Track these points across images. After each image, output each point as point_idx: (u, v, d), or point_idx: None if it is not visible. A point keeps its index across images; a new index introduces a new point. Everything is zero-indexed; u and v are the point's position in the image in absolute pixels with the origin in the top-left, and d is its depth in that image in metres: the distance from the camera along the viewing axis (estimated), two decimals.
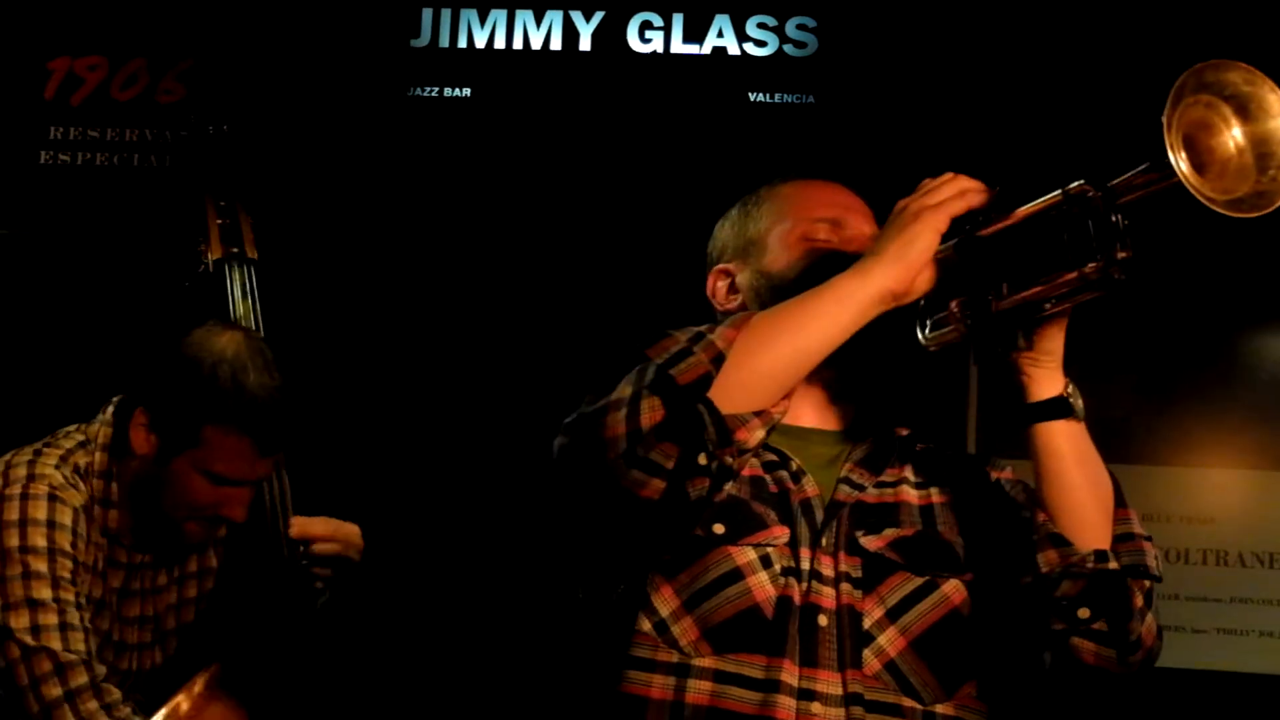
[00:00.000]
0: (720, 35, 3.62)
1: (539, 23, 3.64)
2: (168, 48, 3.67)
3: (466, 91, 3.64)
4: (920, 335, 1.97)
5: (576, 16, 3.63)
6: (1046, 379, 1.88)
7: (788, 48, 3.60)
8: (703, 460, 1.80)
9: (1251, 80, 1.74)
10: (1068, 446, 1.88)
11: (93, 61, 3.69)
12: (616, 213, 3.55)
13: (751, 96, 3.58)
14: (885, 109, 3.47)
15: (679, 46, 3.62)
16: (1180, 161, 1.67)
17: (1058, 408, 1.86)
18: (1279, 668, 3.51)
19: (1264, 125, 1.74)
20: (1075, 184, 1.77)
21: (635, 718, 1.87)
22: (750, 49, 3.62)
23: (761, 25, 3.61)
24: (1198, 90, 1.72)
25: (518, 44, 3.64)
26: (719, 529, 1.91)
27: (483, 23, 3.66)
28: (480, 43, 3.65)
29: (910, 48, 3.55)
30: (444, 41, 3.66)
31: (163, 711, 2.48)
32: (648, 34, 3.64)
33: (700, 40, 3.62)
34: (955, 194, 1.88)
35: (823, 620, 1.87)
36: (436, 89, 3.64)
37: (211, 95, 3.54)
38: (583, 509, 1.96)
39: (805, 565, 1.90)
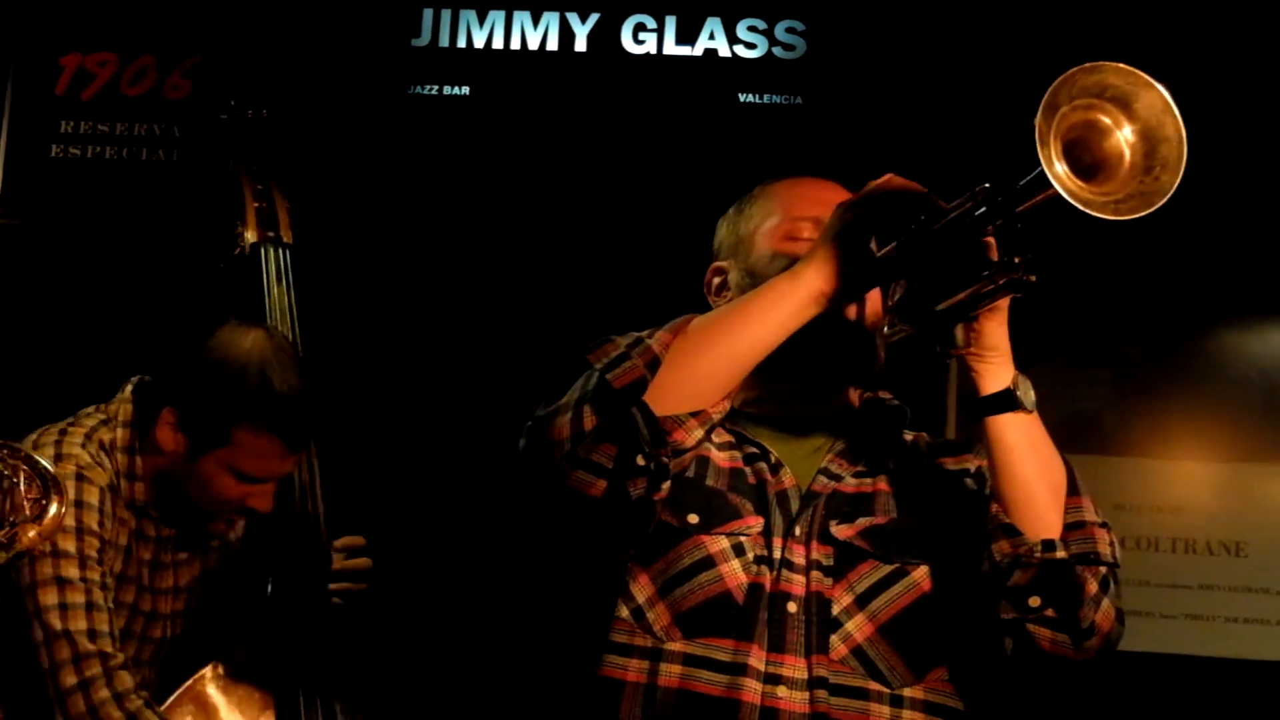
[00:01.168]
0: (711, 37, 3.62)
1: (536, 23, 3.64)
2: (176, 45, 3.67)
3: (465, 90, 3.64)
4: (885, 331, 1.98)
5: (572, 18, 3.64)
6: (993, 374, 1.88)
7: (777, 50, 3.61)
8: (640, 460, 1.84)
9: (1131, 79, 1.73)
10: (1016, 438, 1.88)
11: (103, 58, 3.69)
12: (609, 209, 3.55)
13: (741, 97, 3.59)
14: (872, 110, 3.48)
15: (671, 48, 3.62)
16: (1060, 169, 1.68)
17: (1004, 401, 1.87)
18: (1244, 652, 3.52)
19: (1147, 124, 1.73)
20: (980, 188, 1.78)
21: (612, 700, 1.91)
22: (740, 51, 3.62)
23: (752, 28, 3.62)
24: (1074, 96, 1.72)
25: (515, 44, 3.65)
26: (693, 519, 1.94)
27: (481, 23, 3.66)
28: (479, 43, 3.65)
29: (897, 50, 3.56)
30: (444, 41, 3.66)
31: (175, 695, 2.50)
32: (641, 35, 3.63)
33: (692, 42, 3.62)
34: (886, 195, 1.89)
35: (792, 607, 1.90)
36: (436, 87, 3.65)
37: (236, 82, 3.52)
38: (540, 507, 1.97)
39: (777, 554, 1.92)
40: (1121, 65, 1.71)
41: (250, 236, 2.74)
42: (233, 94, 2.96)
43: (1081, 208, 1.67)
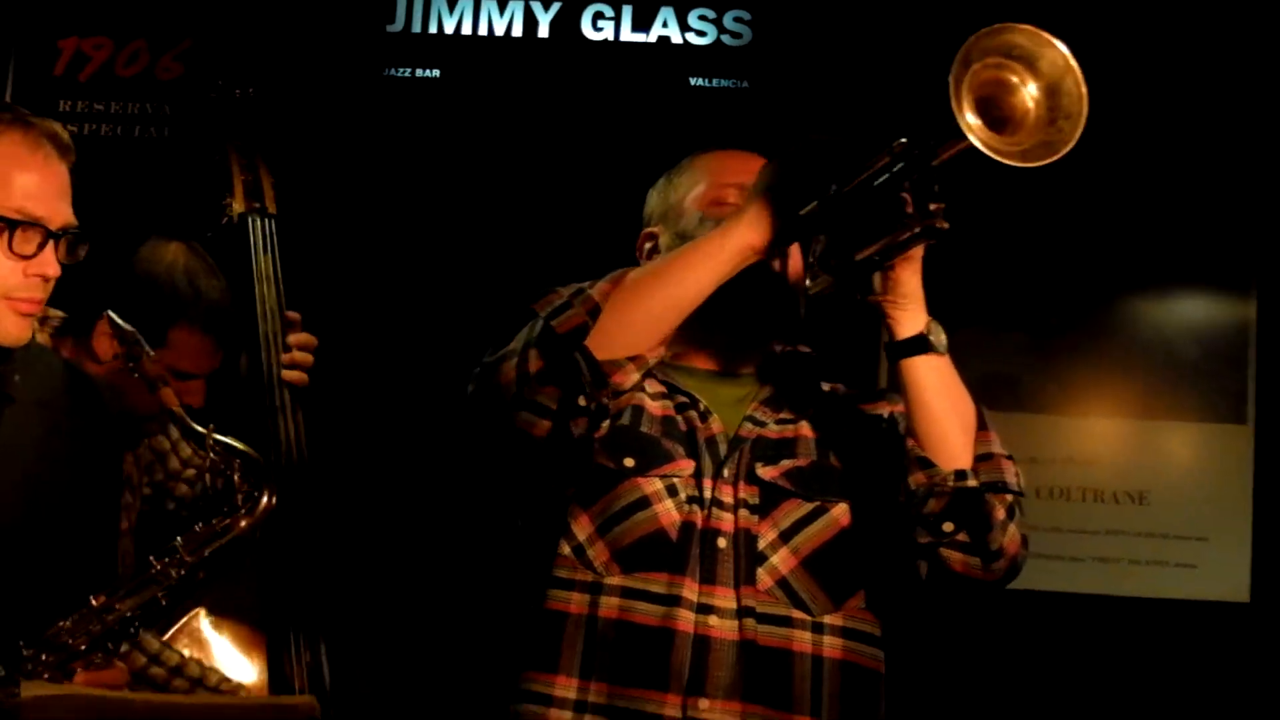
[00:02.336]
0: (665, 25, 3.65)
1: (502, 11, 3.66)
2: (167, 30, 3.67)
3: (436, 73, 3.66)
4: (808, 284, 1.99)
5: (536, 6, 3.65)
6: (908, 319, 1.91)
7: (725, 38, 3.63)
8: (582, 401, 1.87)
9: (1035, 39, 1.75)
10: (929, 379, 1.92)
11: (98, 41, 3.69)
12: (568, 182, 3.55)
13: (692, 81, 3.61)
14: (812, 94, 3.51)
15: (628, 35, 3.64)
16: (970, 121, 1.70)
17: (918, 344, 1.90)
18: (1146, 591, 3.58)
19: (1050, 80, 1.75)
20: (898, 142, 1.80)
21: (556, 630, 1.94)
22: (691, 38, 3.64)
23: (702, 17, 3.64)
24: (985, 54, 1.74)
25: (483, 30, 3.65)
26: (629, 463, 1.96)
27: (451, 10, 3.67)
28: (449, 28, 3.66)
29: (837, 39, 3.58)
30: (416, 27, 3.67)
31: (172, 631, 2.47)
32: (600, 23, 3.65)
33: (647, 29, 3.64)
34: (807, 148, 1.90)
35: (721, 543, 1.93)
36: (409, 70, 3.66)
37: (224, 64, 3.49)
38: (490, 446, 1.98)
39: (708, 494, 1.95)
40: (1026, 26, 1.74)
41: (238, 207, 2.72)
42: (221, 75, 2.92)
43: (992, 155, 1.69)
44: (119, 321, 2.09)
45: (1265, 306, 3.64)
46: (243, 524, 2.02)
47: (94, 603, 1.92)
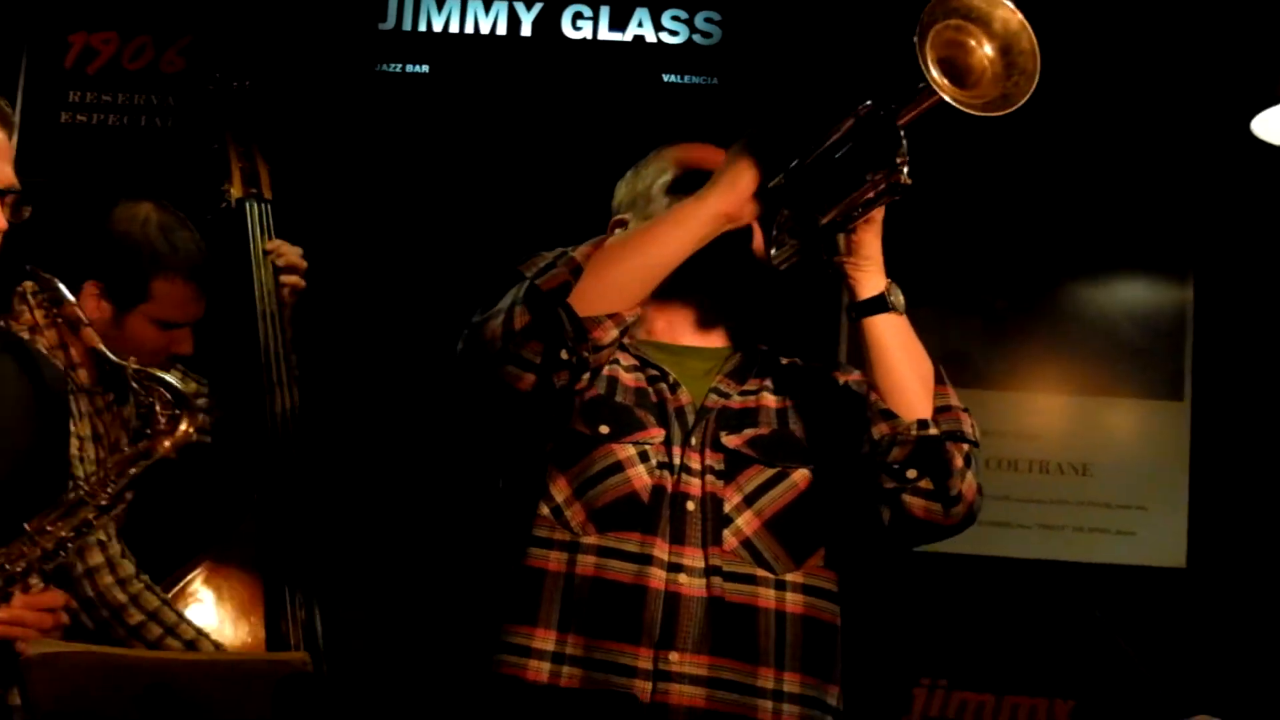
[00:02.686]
0: (640, 25, 3.67)
1: (487, 10, 3.68)
2: (170, 26, 3.70)
3: (425, 68, 3.68)
4: (773, 254, 2.04)
5: (519, 6, 3.68)
6: (868, 281, 1.96)
7: (696, 37, 3.66)
8: (564, 355, 1.90)
9: (989, 1, 1.81)
10: (889, 336, 1.97)
11: (106, 36, 3.71)
12: (547, 168, 3.58)
13: (665, 78, 3.64)
14: (777, 90, 3.54)
15: (605, 34, 3.66)
16: (935, 74, 1.75)
17: (878, 304, 1.95)
18: (1087, 556, 3.63)
19: (1004, 39, 1.81)
20: (863, 106, 1.85)
21: (535, 586, 1.97)
22: (665, 37, 3.67)
23: (675, 18, 3.67)
24: (946, 16, 1.80)
25: (469, 29, 3.67)
26: (604, 430, 2.00)
27: (440, 9, 3.69)
28: (437, 26, 3.68)
29: (800, 38, 3.62)
30: (406, 25, 3.69)
31: (174, 590, 2.59)
32: (579, 22, 3.67)
33: (623, 29, 3.67)
34: (775, 118, 1.97)
35: (690, 506, 1.97)
36: (400, 65, 3.68)
37: (224, 59, 3.45)
38: (476, 402, 2.01)
39: (677, 460, 1.99)
40: None
41: (235, 193, 2.80)
42: (220, 69, 3.02)
43: (957, 105, 1.74)
44: (40, 272, 2.10)
45: (1201, 291, 3.69)
46: (164, 445, 1.99)
47: (28, 528, 1.91)
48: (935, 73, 1.76)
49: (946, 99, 1.75)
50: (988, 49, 1.82)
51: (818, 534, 2.01)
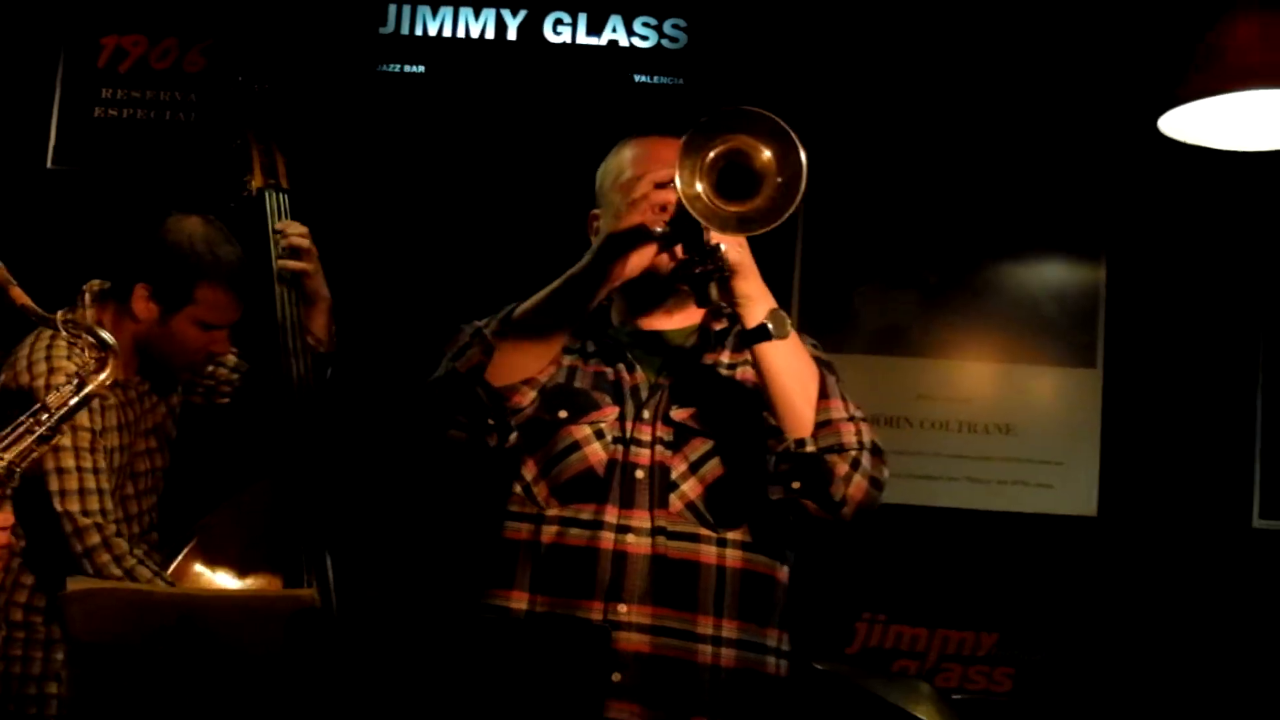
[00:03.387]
0: (614, 30, 3.79)
1: (477, 16, 3.79)
2: (194, 29, 3.81)
3: (421, 69, 3.78)
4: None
5: (506, 13, 3.78)
6: (751, 314, 1.98)
7: (665, 41, 3.78)
8: (491, 421, 2.03)
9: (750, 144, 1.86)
10: (773, 361, 2.00)
11: (135, 39, 3.82)
12: (532, 160, 3.69)
13: (636, 78, 3.76)
14: (737, 89, 3.58)
15: (583, 38, 3.78)
16: (699, 189, 1.84)
17: (760, 334, 1.97)
18: (1010, 506, 3.76)
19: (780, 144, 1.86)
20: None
21: (511, 554, 2.09)
22: (636, 41, 3.78)
23: (645, 24, 3.78)
24: (713, 137, 1.86)
25: (461, 33, 3.78)
26: (563, 414, 2.09)
27: (434, 15, 3.80)
28: (432, 31, 3.79)
29: (758, 43, 3.74)
30: (405, 29, 3.80)
31: (181, 556, 2.61)
32: (559, 28, 3.79)
33: (599, 34, 3.78)
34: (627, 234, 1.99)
35: (639, 474, 2.06)
36: (399, 66, 3.79)
37: (244, 61, 3.59)
38: (434, 441, 2.11)
39: (629, 434, 2.07)
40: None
41: (255, 183, 2.86)
42: (240, 70, 3.14)
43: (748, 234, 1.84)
44: None
45: (1113, 271, 3.80)
46: (96, 379, 2.03)
47: None
48: (700, 187, 1.84)
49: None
50: (765, 153, 1.88)
51: (754, 498, 2.07)
